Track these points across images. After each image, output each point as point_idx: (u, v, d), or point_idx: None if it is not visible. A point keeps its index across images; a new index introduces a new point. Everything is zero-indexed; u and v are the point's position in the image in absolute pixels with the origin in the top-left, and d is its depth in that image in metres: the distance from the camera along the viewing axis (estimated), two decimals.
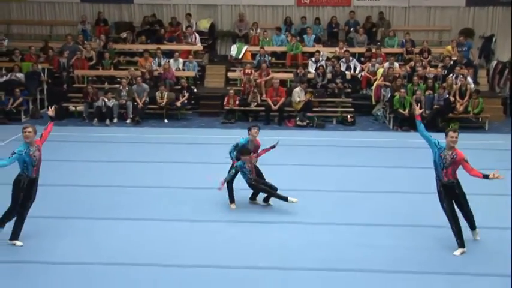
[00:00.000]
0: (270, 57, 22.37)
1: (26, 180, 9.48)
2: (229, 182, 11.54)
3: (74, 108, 20.25)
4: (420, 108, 18.42)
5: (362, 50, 22.70)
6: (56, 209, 11.17)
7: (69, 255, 9.25)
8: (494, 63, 22.75)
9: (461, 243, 9.50)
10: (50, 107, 10.54)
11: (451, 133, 9.39)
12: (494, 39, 23.54)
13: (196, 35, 23.32)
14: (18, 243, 9.60)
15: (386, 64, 21.05)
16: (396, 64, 21.35)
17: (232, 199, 11.60)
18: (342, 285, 8.50)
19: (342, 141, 16.97)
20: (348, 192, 12.35)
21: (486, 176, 9.24)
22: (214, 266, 8.90)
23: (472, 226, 9.80)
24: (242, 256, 9.33)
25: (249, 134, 11.82)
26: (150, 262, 9.01)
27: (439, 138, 16.05)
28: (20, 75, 20.72)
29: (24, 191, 9.52)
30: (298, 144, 16.46)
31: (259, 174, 11.53)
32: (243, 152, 11.27)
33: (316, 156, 15.34)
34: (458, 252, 9.46)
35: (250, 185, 11.44)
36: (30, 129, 9.34)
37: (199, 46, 23.15)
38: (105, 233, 10.15)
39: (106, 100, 19.59)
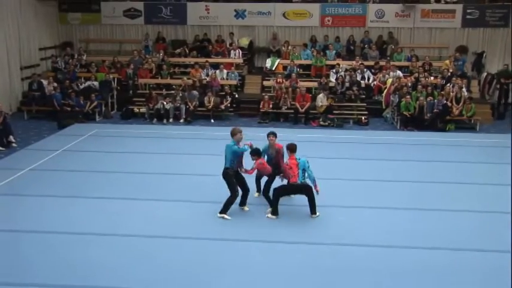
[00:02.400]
0: (298, 69, 22.25)
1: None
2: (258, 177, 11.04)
3: (138, 110, 20.32)
4: (422, 112, 18.43)
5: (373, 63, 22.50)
6: (124, 192, 11.45)
7: None
8: (484, 74, 22.39)
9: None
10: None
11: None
12: (484, 55, 23.18)
13: (239, 50, 23.40)
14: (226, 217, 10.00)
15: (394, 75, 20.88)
16: (402, 75, 21.14)
17: (258, 188, 11.14)
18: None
19: (357, 138, 16.86)
20: (362, 181, 12.37)
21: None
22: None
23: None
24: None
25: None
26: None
27: (438, 136, 15.78)
28: (96, 83, 20.87)
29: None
30: (320, 140, 16.44)
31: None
32: (254, 152, 10.28)
33: (336, 151, 15.29)
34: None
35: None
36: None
37: (240, 59, 23.20)
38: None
39: (164, 103, 19.66)
